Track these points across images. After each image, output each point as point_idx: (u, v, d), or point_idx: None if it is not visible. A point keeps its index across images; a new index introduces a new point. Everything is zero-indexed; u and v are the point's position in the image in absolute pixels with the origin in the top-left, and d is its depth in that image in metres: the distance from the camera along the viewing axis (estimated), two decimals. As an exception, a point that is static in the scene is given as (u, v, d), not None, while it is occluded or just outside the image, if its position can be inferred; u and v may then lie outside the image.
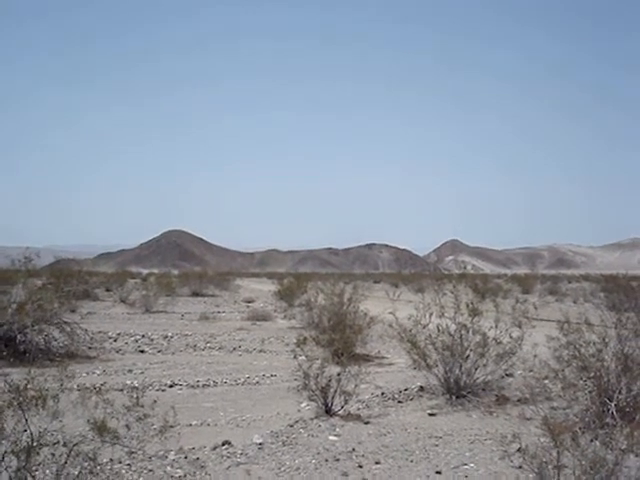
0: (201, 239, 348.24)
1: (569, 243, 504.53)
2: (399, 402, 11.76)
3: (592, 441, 6.79)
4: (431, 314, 12.57)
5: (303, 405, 10.99)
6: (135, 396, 6.64)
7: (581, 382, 9.87)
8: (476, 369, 11.76)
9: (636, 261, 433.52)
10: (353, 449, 8.67)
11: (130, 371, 14.91)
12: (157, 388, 12.88)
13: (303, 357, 10.94)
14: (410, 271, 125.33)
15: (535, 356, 11.21)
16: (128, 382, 13.04)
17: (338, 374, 10.43)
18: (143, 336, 21.03)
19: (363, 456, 8.40)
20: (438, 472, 7.85)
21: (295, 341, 12.29)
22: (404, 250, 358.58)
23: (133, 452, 7.33)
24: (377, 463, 8.14)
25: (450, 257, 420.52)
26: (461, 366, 11.69)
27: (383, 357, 17.51)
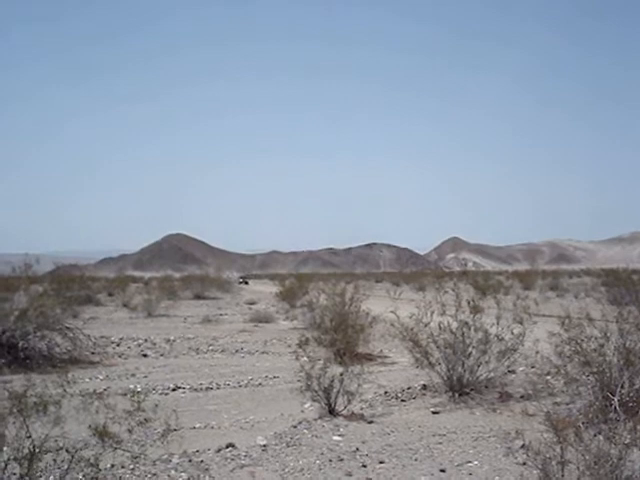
0: (202, 242, 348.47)
1: (569, 238, 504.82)
2: (402, 401, 11.76)
3: (595, 436, 6.76)
4: (432, 312, 12.56)
5: (306, 406, 10.97)
6: (137, 400, 6.63)
7: (583, 377, 9.87)
8: (478, 366, 11.76)
9: (636, 255, 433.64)
10: (357, 449, 8.67)
11: (133, 375, 14.91)
12: (160, 392, 12.88)
13: (305, 358, 10.93)
14: (411, 270, 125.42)
15: (537, 352, 11.22)
16: (131, 386, 13.03)
17: (341, 374, 10.41)
18: (146, 340, 21.05)
19: (367, 455, 8.39)
20: (442, 470, 7.85)
21: (297, 342, 12.28)
22: (405, 249, 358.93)
23: (136, 457, 7.31)
24: (381, 462, 8.13)
25: (451, 255, 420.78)
26: (463, 364, 11.69)
27: (385, 356, 17.50)
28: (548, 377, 10.92)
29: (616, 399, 8.99)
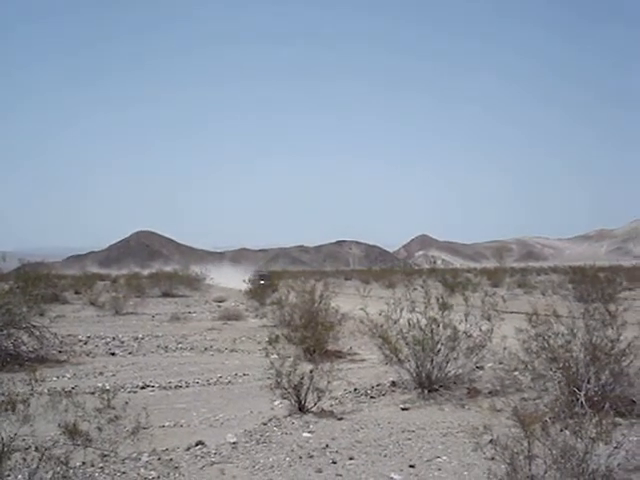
0: (170, 239, 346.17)
1: (537, 236, 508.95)
2: (372, 398, 11.81)
3: (562, 431, 6.85)
4: (402, 309, 12.63)
5: (276, 403, 10.98)
6: (106, 398, 6.60)
7: (550, 373, 10.00)
8: (447, 363, 11.86)
9: (603, 252, 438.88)
10: (327, 445, 8.70)
11: (101, 374, 14.80)
12: (129, 390, 12.80)
13: (275, 355, 10.94)
14: (380, 267, 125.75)
15: (505, 348, 11.35)
16: (99, 385, 12.96)
17: (310, 371, 10.44)
18: (113, 338, 20.92)
19: (337, 452, 8.43)
20: (411, 466, 7.91)
21: (267, 339, 12.28)
22: (374, 246, 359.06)
23: (106, 455, 7.28)
24: (351, 459, 8.17)
25: (420, 252, 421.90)
26: (432, 360, 11.78)
27: (355, 353, 17.55)
28: (516, 373, 11.05)
29: (582, 394, 9.12)
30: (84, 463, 7.33)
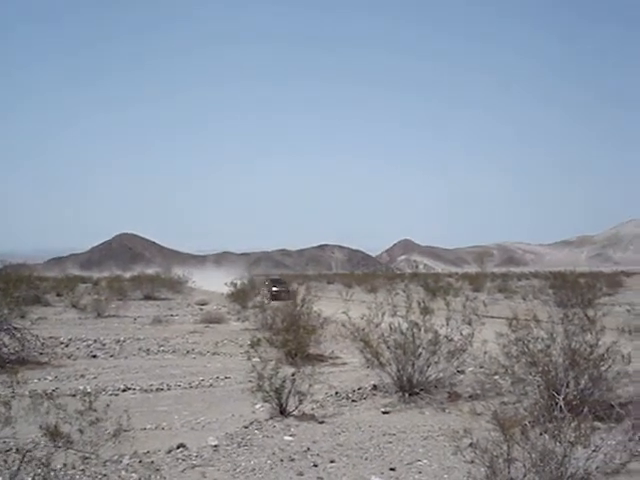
0: (152, 242, 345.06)
1: (518, 241, 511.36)
2: (353, 401, 11.85)
3: (541, 434, 6.92)
4: (383, 313, 12.70)
5: (258, 406, 11.00)
6: (88, 400, 6.60)
7: (530, 377, 10.08)
8: (428, 366, 11.92)
9: (584, 258, 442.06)
10: (308, 448, 8.73)
11: (82, 376, 14.76)
12: (110, 393, 12.78)
13: (257, 358, 10.97)
14: (363, 271, 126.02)
15: (485, 353, 11.41)
16: (81, 387, 12.93)
17: (292, 375, 10.48)
18: (95, 341, 20.84)
19: (318, 455, 8.46)
20: (392, 469, 7.96)
21: (249, 343, 12.30)
22: (357, 251, 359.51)
23: (87, 457, 7.27)
24: (332, 462, 8.21)
25: (402, 257, 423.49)
26: (413, 364, 11.84)
27: (337, 357, 17.60)
28: (496, 377, 11.12)
29: (561, 398, 9.20)
30: (65, 465, 7.31)
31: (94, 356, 18.12)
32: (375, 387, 12.58)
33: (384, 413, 10.90)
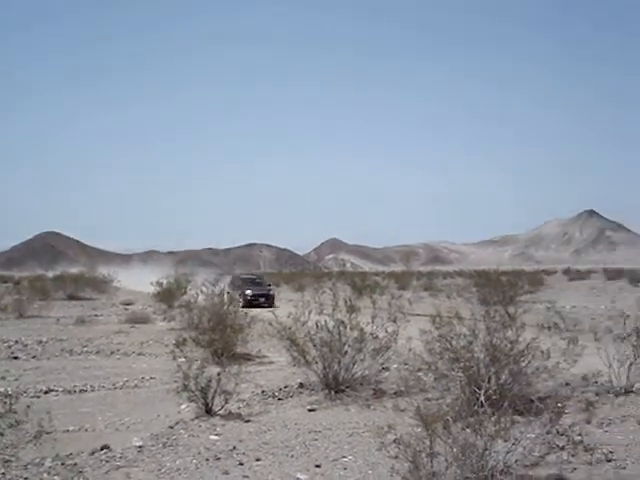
0: (77, 240, 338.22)
1: (444, 240, 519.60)
2: (279, 399, 11.88)
3: (464, 429, 7.06)
4: (310, 312, 12.75)
5: (183, 406, 10.93)
6: (8, 403, 6.46)
7: (453, 373, 10.27)
8: (354, 364, 12.03)
9: (507, 257, 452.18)
10: (234, 447, 8.72)
11: (3, 378, 14.38)
12: (32, 394, 12.48)
13: (182, 358, 10.90)
14: (291, 270, 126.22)
15: (409, 349, 11.59)
16: (1, 389, 12.58)
17: (218, 374, 10.43)
18: (16, 342, 20.34)
19: (244, 454, 8.46)
20: (318, 465, 8.01)
21: (174, 342, 12.20)
22: (285, 249, 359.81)
23: (7, 460, 7.12)
24: (258, 460, 8.21)
25: (330, 255, 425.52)
26: (339, 361, 11.93)
27: (264, 356, 17.57)
28: (420, 374, 11.29)
29: (482, 393, 9.40)
30: (-17, 469, 7.15)
31: (15, 357, 17.67)
32: (302, 385, 12.63)
33: (310, 411, 10.95)
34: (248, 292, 35.55)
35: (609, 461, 8.05)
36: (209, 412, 10.44)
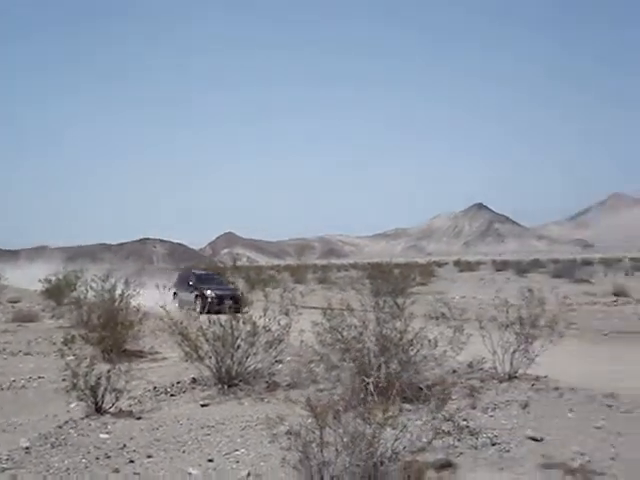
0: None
1: (339, 234, 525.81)
2: (172, 395, 11.77)
3: (355, 419, 7.19)
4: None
5: (72, 405, 10.68)
6: None
7: (344, 364, 10.43)
8: (247, 358, 12.04)
9: (400, 249, 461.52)
10: (125, 445, 8.60)
11: None
12: None
13: (71, 356, 10.65)
14: (185, 265, 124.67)
15: (302, 342, 11.69)
16: None
17: (108, 371, 10.25)
18: None
19: (135, 451, 8.36)
20: (210, 460, 8.00)
21: (62, 340, 11.91)
22: (179, 244, 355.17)
23: None
24: (149, 457, 8.14)
25: (225, 250, 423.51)
26: (232, 356, 11.91)
27: (156, 352, 17.34)
28: (312, 365, 11.42)
29: (371, 382, 9.60)
30: None
31: None
32: (194, 380, 12.55)
33: (203, 406, 10.91)
34: (209, 293, 29.64)
35: (494, 445, 8.36)
36: (99, 410, 10.24)
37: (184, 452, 8.35)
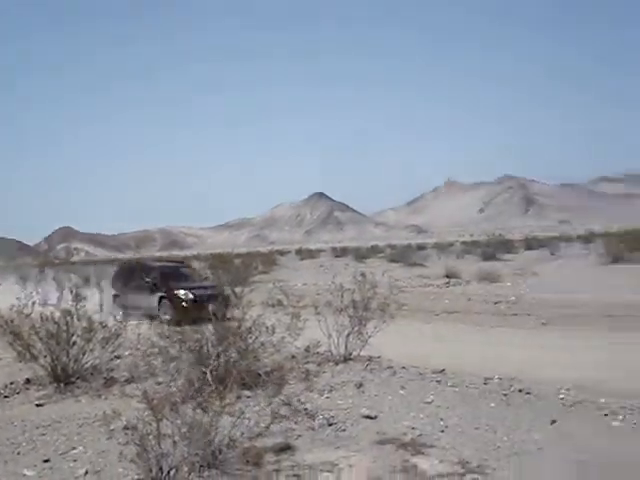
0: None
1: (181, 225, 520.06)
2: (5, 397, 11.34)
3: (195, 410, 7.27)
4: (34, 303, 12.31)
5: None
6: None
7: (184, 355, 10.46)
8: (83, 354, 11.79)
9: (243, 239, 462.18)
10: (-46, 451, 8.28)
11: None
12: None
13: None
14: (18, 261, 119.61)
15: (139, 335, 11.60)
16: None
17: None
18: None
19: (-35, 456, 8.08)
20: (46, 460, 7.85)
21: None
22: (12, 240, 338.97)
23: None
24: (-19, 461, 7.89)
25: (62, 245, 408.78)
26: (68, 353, 11.62)
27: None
28: (150, 358, 11.35)
29: (209, 371, 9.70)
30: None
31: None
32: (29, 381, 12.14)
33: (38, 406, 10.60)
34: (183, 293, 21.72)
35: (330, 425, 8.69)
36: None
37: (19, 454, 8.15)
